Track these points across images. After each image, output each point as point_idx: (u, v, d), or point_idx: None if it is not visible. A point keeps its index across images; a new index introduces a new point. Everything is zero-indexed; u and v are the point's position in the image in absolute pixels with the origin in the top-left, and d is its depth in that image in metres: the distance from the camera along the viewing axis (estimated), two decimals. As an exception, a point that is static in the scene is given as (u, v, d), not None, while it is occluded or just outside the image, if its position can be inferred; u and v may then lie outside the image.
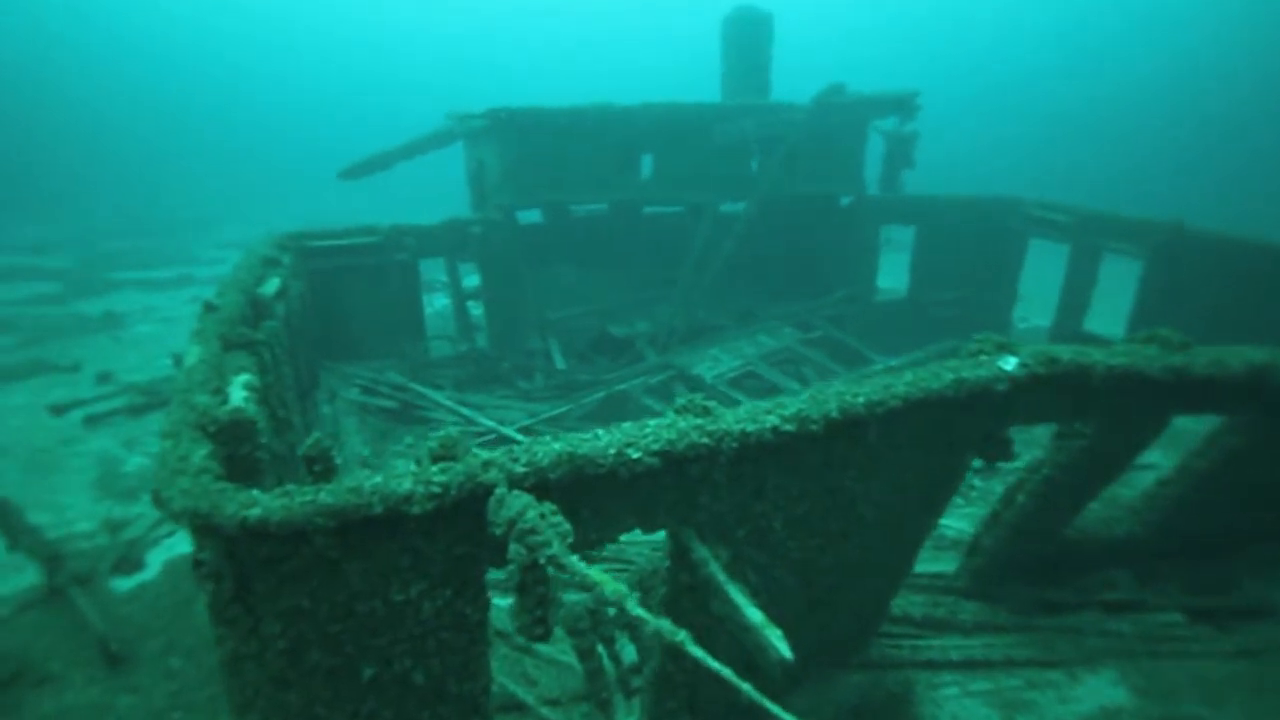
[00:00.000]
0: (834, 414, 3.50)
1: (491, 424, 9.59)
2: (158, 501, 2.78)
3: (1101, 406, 4.42)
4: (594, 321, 12.80)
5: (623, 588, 2.43)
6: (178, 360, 4.69)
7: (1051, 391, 4.19)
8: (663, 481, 3.28)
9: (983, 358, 4.18)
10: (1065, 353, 4.18)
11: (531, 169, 11.17)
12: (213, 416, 3.33)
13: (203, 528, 2.64)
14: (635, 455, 3.06)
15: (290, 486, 2.73)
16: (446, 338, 12.02)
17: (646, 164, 12.46)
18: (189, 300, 17.60)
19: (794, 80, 13.76)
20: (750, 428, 3.32)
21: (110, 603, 6.00)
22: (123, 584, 6.34)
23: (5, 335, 14.36)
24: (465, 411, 9.85)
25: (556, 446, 3.04)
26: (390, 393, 9.81)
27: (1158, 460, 7.13)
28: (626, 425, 3.27)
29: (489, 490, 2.85)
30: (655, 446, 3.12)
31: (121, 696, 5.07)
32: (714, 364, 11.25)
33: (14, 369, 11.96)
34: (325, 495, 2.66)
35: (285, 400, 5.65)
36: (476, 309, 12.82)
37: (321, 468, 3.15)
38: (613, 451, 3.04)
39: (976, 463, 4.50)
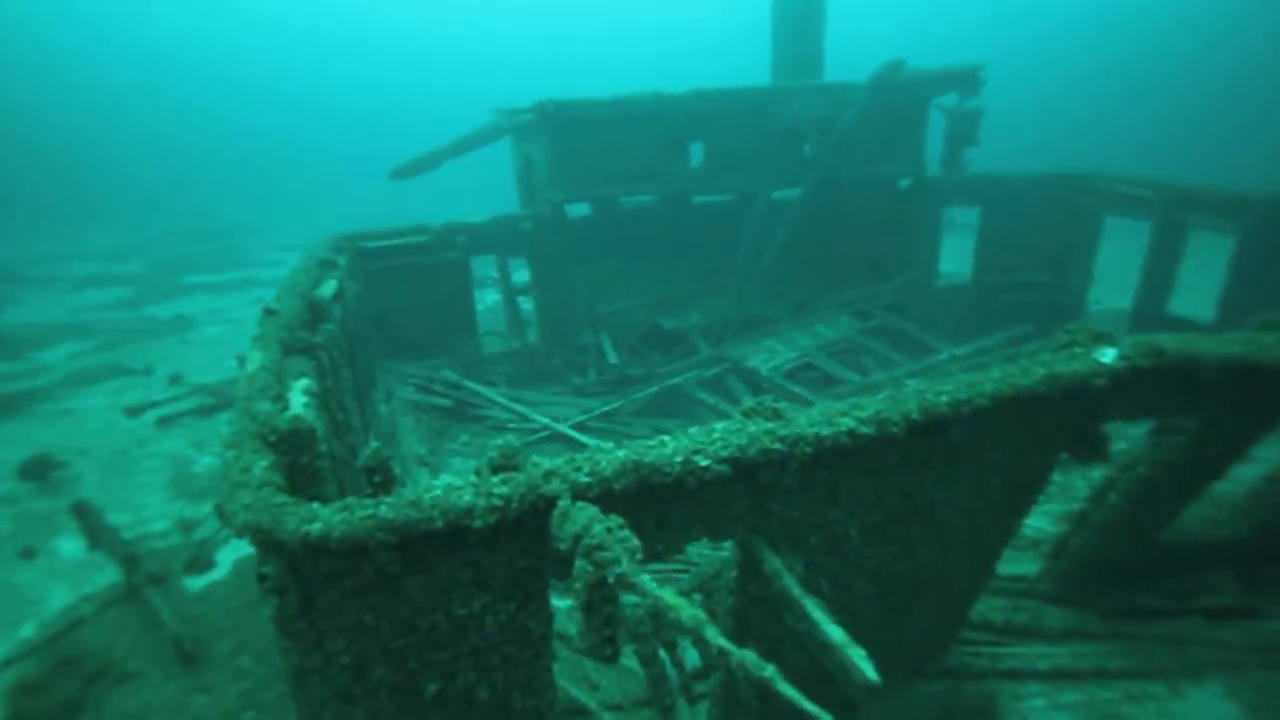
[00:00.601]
0: (915, 415, 3.26)
1: (545, 420, 9.55)
2: (221, 515, 2.75)
3: (1211, 401, 4.03)
4: (645, 315, 12.63)
5: (700, 613, 2.26)
6: (242, 362, 4.72)
7: (1155, 385, 3.84)
8: (732, 489, 3.11)
9: (1077, 350, 3.85)
10: (1171, 343, 3.82)
11: (580, 162, 11.03)
12: (273, 425, 3.30)
13: (265, 543, 2.59)
14: (704, 463, 2.89)
15: (351, 500, 2.66)
16: (498, 334, 12.05)
17: (695, 153, 12.20)
18: (252, 302, 18.16)
19: (848, 59, 13.25)
20: (825, 431, 3.11)
21: (183, 601, 6.16)
22: (195, 583, 6.51)
23: (86, 340, 15.07)
24: (519, 408, 9.84)
25: (620, 455, 2.89)
26: (445, 391, 9.87)
27: (1266, 453, 6.57)
28: (693, 431, 3.10)
29: (552, 502, 2.72)
30: (725, 453, 2.94)
31: (196, 696, 5.18)
32: (769, 356, 10.96)
33: (94, 372, 12.51)
34: (385, 510, 2.58)
35: (344, 403, 5.66)
36: (527, 304, 12.81)
37: (381, 478, 3.08)
38: (680, 459, 2.88)
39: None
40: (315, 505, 2.63)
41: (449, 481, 8.09)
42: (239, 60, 74.45)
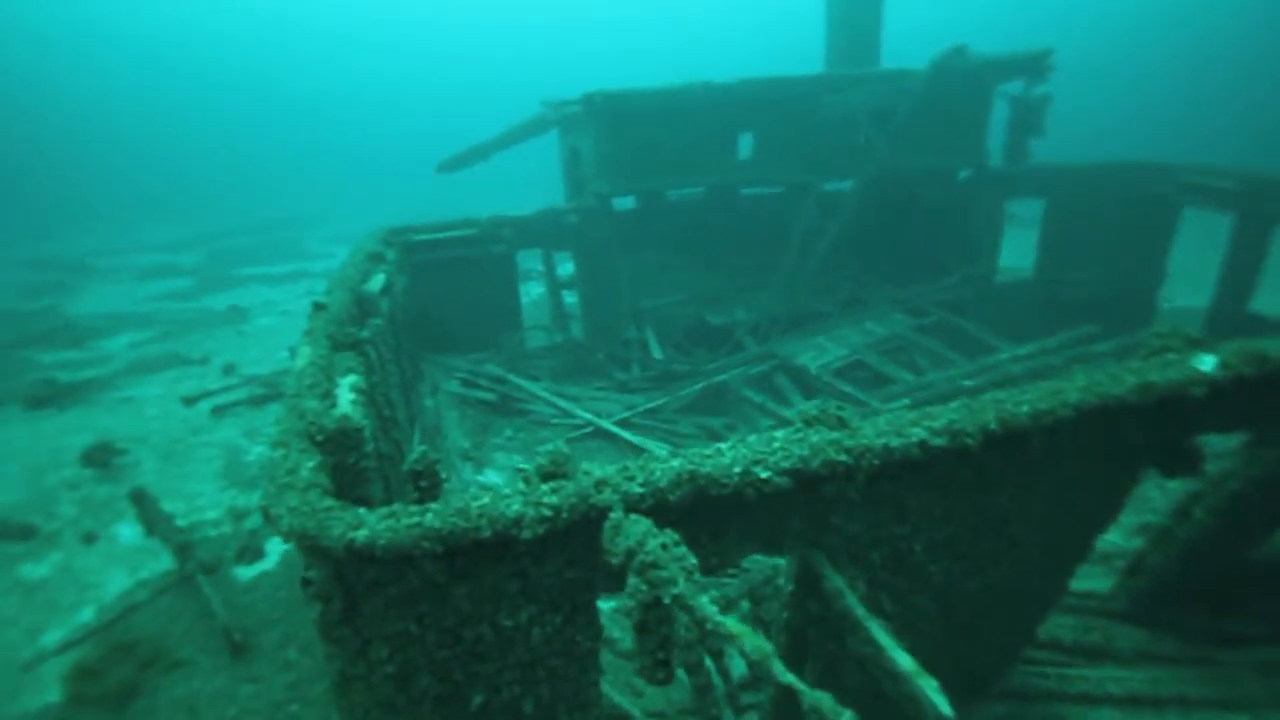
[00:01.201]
0: (993, 426, 3.02)
1: (589, 416, 9.46)
2: (267, 518, 2.69)
3: None
4: (690, 309, 12.43)
5: (767, 645, 2.09)
6: (293, 353, 4.72)
7: (1257, 395, 3.51)
8: (792, 502, 2.93)
9: (1170, 356, 3.54)
10: (1276, 349, 3.48)
11: (628, 155, 10.86)
12: (321, 425, 3.24)
13: (310, 549, 2.51)
14: (764, 475, 2.72)
15: (397, 506, 2.57)
16: (542, 328, 12.00)
17: (744, 144, 11.92)
18: (303, 294, 18.55)
19: (905, 54, 12.78)
20: (894, 443, 2.91)
21: (233, 591, 6.24)
22: (245, 572, 6.60)
23: (145, 329, 15.59)
24: (562, 404, 9.77)
25: (676, 464, 2.75)
26: (489, 385, 9.85)
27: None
28: (752, 439, 2.93)
29: (603, 513, 2.59)
30: (786, 464, 2.77)
31: (243, 686, 5.22)
32: (819, 353, 10.66)
33: (153, 362, 12.91)
34: (432, 518, 2.48)
35: (390, 398, 5.63)
36: (571, 297, 12.74)
37: (428, 483, 2.99)
38: (738, 470, 2.72)
39: None
40: (361, 511, 2.55)
41: (492, 480, 8.00)
42: (298, 57, 76.52)
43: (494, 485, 8.04)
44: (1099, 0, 56.35)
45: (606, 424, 9.32)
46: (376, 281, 7.27)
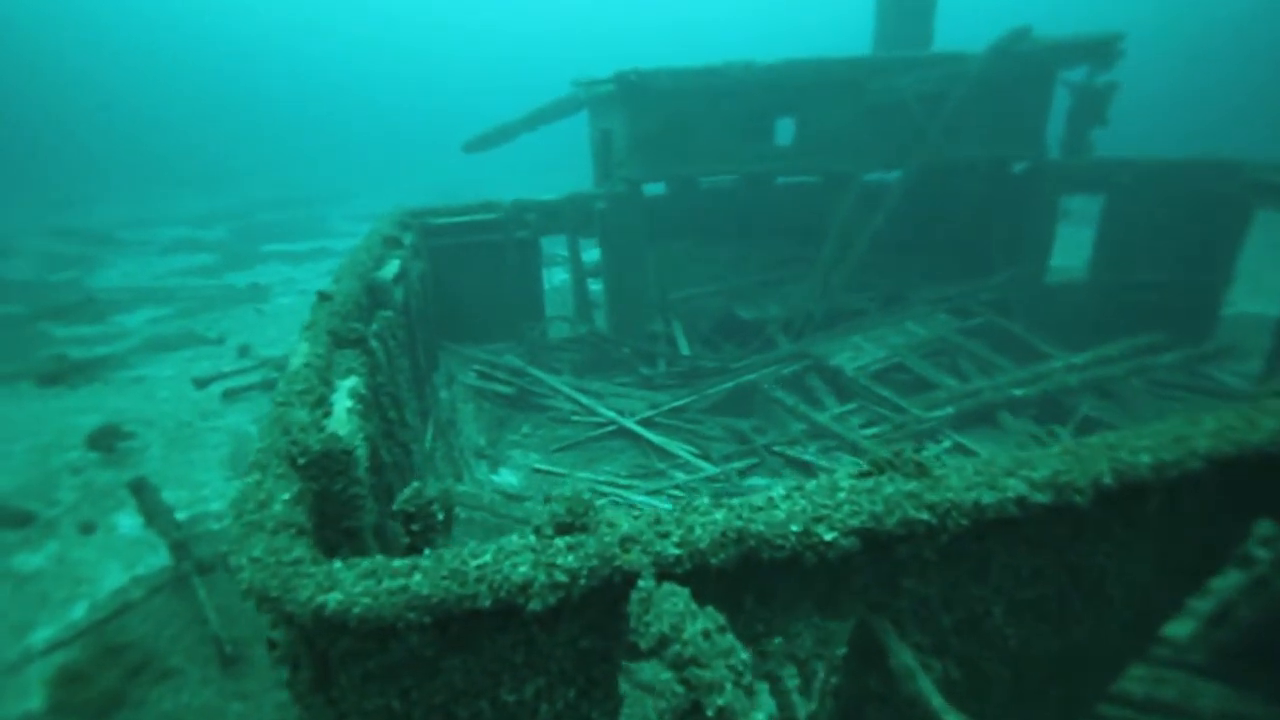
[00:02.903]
0: (1106, 480, 2.50)
1: (611, 414, 9.00)
2: (228, 567, 2.26)
3: None
4: (720, 302, 11.86)
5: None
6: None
7: None
8: (857, 562, 2.42)
9: (1310, 395, 2.96)
10: None
11: (661, 138, 10.27)
12: (305, 446, 2.78)
13: (272, 612, 2.06)
14: (829, 536, 2.22)
15: (379, 562, 2.10)
16: (564, 318, 11.53)
17: (783, 130, 11.26)
18: (325, 273, 18.26)
19: (959, 29, 12.00)
20: (987, 498, 2.39)
21: (228, 594, 5.89)
22: (244, 573, 6.24)
23: (165, 305, 15.40)
24: (584, 400, 9.31)
25: (719, 518, 2.25)
26: (507, 378, 9.41)
27: None
28: (812, 486, 2.43)
29: (630, 579, 2.11)
30: (855, 522, 2.27)
31: (233, 702, 4.86)
32: (855, 354, 10.06)
33: (169, 340, 12.68)
34: (420, 581, 2.01)
35: (399, 397, 5.20)
36: (596, 285, 12.24)
37: (422, 526, 2.53)
38: (796, 529, 2.22)
39: None
40: (337, 566, 2.10)
41: (507, 480, 7.44)
42: (330, 32, 76.48)
43: (509, 485, 7.62)
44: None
45: (629, 423, 8.85)
46: (391, 268, 6.83)
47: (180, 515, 6.92)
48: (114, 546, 6.69)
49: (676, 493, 7.68)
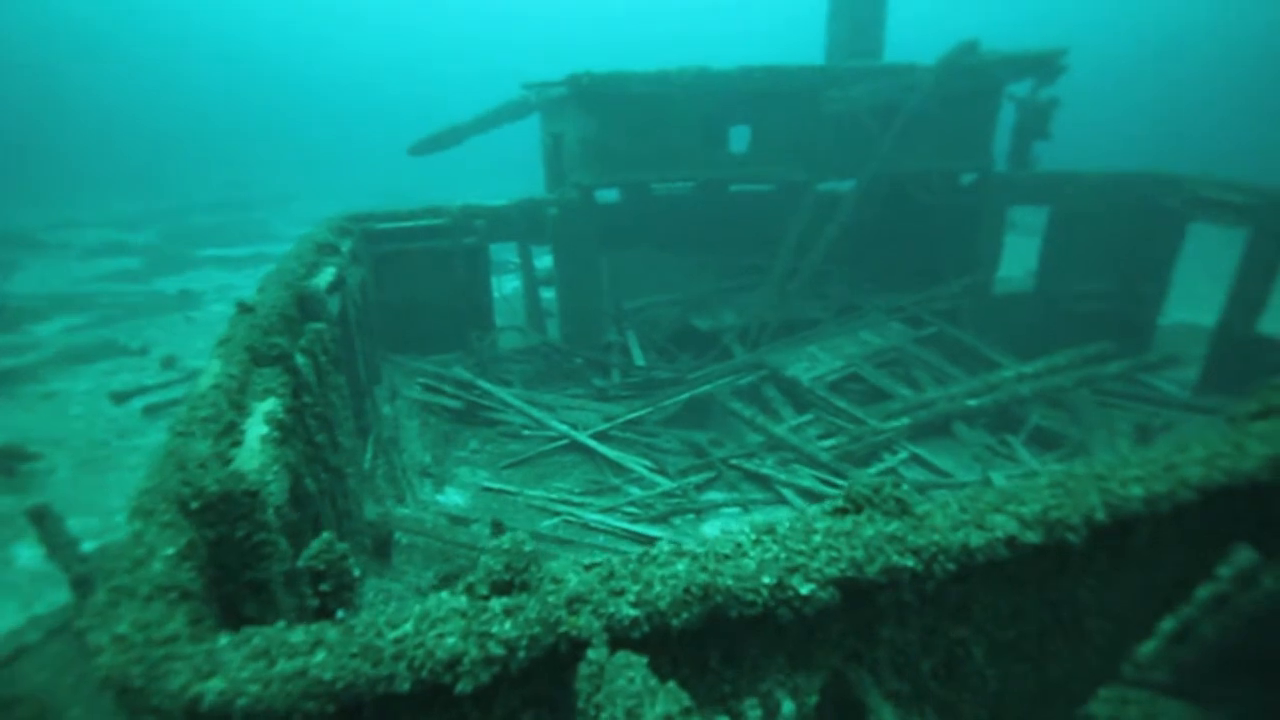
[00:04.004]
0: (1099, 516, 2.30)
1: (564, 428, 8.66)
2: (85, 647, 1.87)
3: None
4: (675, 312, 11.65)
5: None
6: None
7: None
8: (834, 612, 2.17)
9: (1292, 418, 2.85)
10: None
11: (614, 143, 10.01)
12: (198, 487, 2.39)
13: (135, 707, 1.69)
14: (805, 590, 1.95)
15: (272, 637, 1.75)
16: (516, 328, 11.13)
17: (738, 137, 11.14)
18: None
19: (908, 42, 12.09)
20: (976, 540, 2.18)
21: (141, 636, 5.33)
22: (159, 610, 5.68)
23: (84, 313, 14.37)
24: (535, 413, 8.95)
25: (680, 569, 1.98)
26: (455, 391, 8.99)
27: None
28: (784, 526, 2.17)
29: (579, 647, 1.80)
30: (834, 571, 2.02)
31: (140, 762, 4.34)
32: (811, 364, 9.96)
33: (85, 351, 11.78)
34: (324, 662, 1.67)
35: (330, 419, 4.77)
36: (549, 293, 11.88)
37: (332, 585, 2.18)
38: (769, 581, 1.95)
39: None
40: (221, 644, 1.74)
41: (454, 500, 6.97)
42: (275, 30, 73.87)
43: (455, 506, 7.20)
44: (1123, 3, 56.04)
45: (582, 437, 8.53)
46: (325, 276, 6.39)
47: (88, 546, 6.28)
48: (10, 582, 6.04)
49: (632, 509, 7.39)
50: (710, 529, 7.24)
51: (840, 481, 7.65)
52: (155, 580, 1.97)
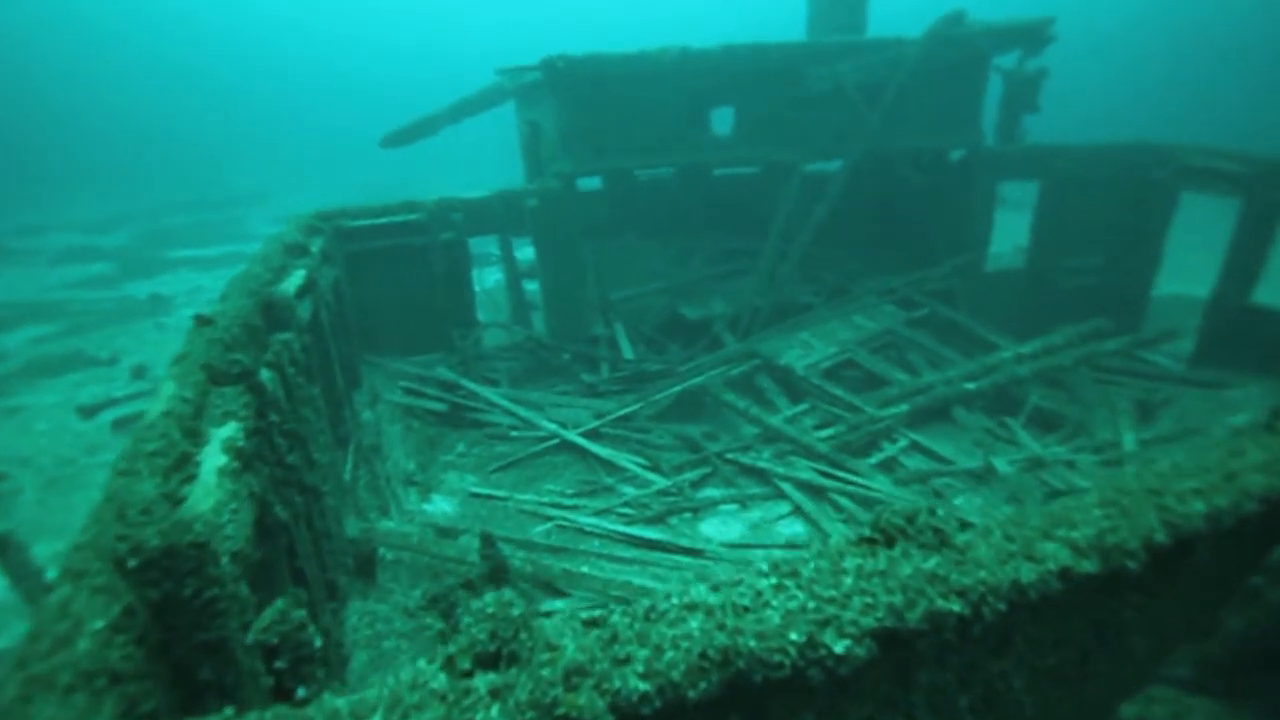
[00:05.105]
0: (1160, 538, 2.05)
1: (553, 427, 8.38)
2: None
3: None
4: (663, 301, 11.35)
5: None
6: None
7: None
8: (869, 663, 1.91)
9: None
10: None
11: (594, 129, 9.65)
12: (136, 541, 2.09)
13: None
14: (839, 648, 1.69)
15: None
16: (500, 325, 10.79)
17: (720, 119, 10.80)
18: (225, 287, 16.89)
19: (892, 15, 11.76)
20: (1026, 575, 1.91)
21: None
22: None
23: (52, 321, 13.86)
24: (523, 412, 8.66)
25: (694, 627, 1.70)
26: (438, 393, 8.67)
27: None
28: (810, 566, 1.91)
29: (579, 728, 1.53)
30: (869, 621, 1.76)
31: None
32: (804, 351, 9.72)
33: (51, 362, 11.31)
34: None
35: (303, 435, 4.46)
36: (532, 285, 11.54)
37: (289, 661, 1.89)
38: (797, 640, 1.69)
39: None
40: None
41: (441, 509, 6.64)
42: (250, 24, 72.05)
43: (442, 515, 6.92)
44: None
45: (573, 436, 8.25)
46: (294, 280, 6.03)
47: (54, 574, 5.95)
48: (-27, 617, 5.70)
49: (627, 510, 7.14)
50: (708, 527, 7.01)
51: (839, 473, 7.43)
52: (78, 665, 1.68)
